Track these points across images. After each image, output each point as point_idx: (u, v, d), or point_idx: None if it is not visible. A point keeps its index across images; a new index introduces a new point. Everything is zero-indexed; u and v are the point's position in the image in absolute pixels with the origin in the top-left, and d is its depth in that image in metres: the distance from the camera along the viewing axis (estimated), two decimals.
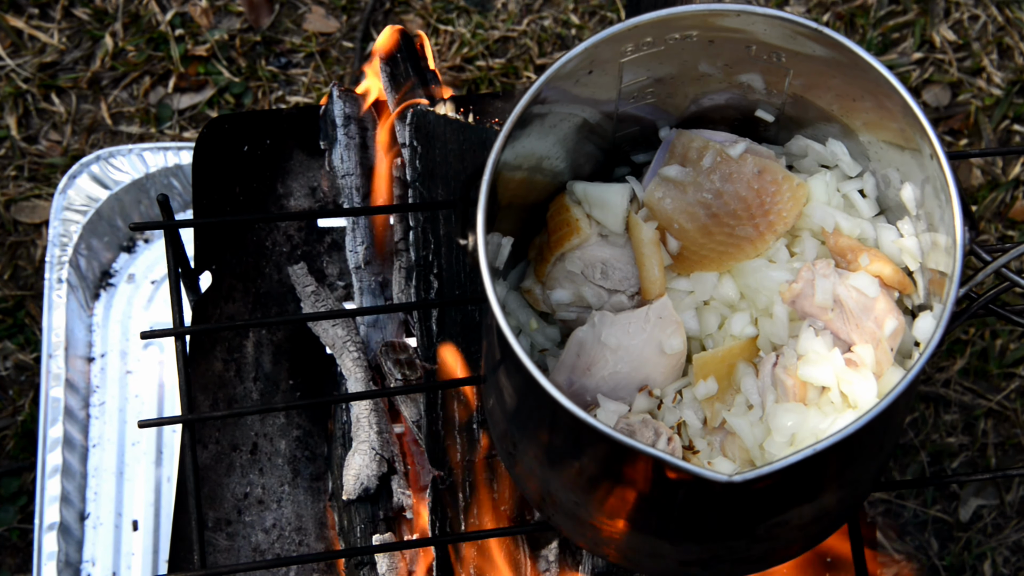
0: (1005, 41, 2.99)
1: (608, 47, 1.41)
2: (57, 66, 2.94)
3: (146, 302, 2.33)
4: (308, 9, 3.02)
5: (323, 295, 1.91)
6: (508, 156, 1.41)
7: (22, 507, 2.54)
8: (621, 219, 1.55)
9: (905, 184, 1.47)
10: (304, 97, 2.91)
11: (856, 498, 1.54)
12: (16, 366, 2.66)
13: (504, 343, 1.31)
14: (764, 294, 1.53)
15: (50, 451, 2.12)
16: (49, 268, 2.24)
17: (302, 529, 1.81)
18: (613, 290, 1.56)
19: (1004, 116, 2.91)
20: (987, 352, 2.69)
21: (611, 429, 1.26)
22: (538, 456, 1.48)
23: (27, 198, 2.81)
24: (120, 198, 2.32)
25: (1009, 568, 2.53)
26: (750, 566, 1.54)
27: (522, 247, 1.60)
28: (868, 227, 1.53)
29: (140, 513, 2.17)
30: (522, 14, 3.02)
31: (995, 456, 2.62)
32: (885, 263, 1.48)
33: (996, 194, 2.83)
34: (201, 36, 2.96)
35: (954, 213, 1.34)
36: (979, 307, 1.46)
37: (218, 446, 1.85)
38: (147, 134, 2.87)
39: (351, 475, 1.77)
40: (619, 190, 1.55)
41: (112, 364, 2.27)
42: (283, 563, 1.70)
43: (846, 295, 1.46)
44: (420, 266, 1.85)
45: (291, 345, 1.93)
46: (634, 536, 1.48)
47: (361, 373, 1.83)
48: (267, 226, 2.00)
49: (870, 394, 1.42)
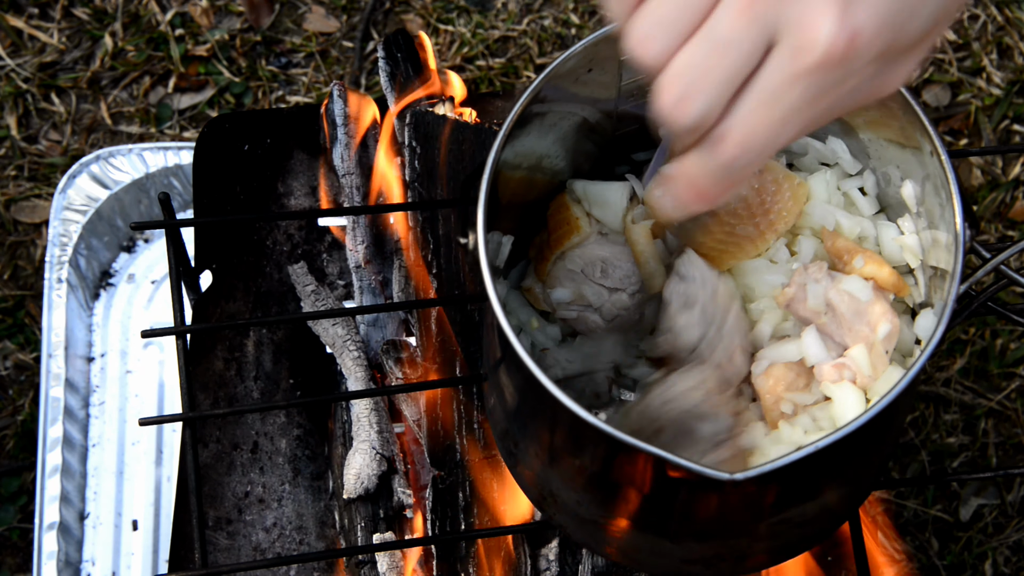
0: (1005, 41, 2.99)
1: (608, 45, 1.41)
2: (57, 66, 2.94)
3: (146, 302, 2.33)
4: (308, 9, 3.02)
5: (323, 294, 1.91)
6: (508, 155, 1.41)
7: (22, 507, 2.54)
8: (621, 217, 1.55)
9: (905, 181, 1.47)
10: (304, 97, 2.91)
11: (858, 495, 1.54)
12: (16, 366, 2.66)
13: (505, 342, 1.31)
14: (760, 296, 1.53)
15: (50, 451, 2.12)
16: (49, 268, 2.24)
17: (303, 528, 1.81)
18: (614, 288, 1.55)
19: (1004, 116, 2.92)
20: (987, 352, 2.69)
21: (611, 428, 1.26)
22: (539, 455, 1.48)
23: (27, 198, 2.81)
24: (120, 198, 2.32)
25: (1010, 568, 2.53)
26: (752, 564, 1.54)
27: (522, 246, 1.60)
28: (868, 225, 1.53)
29: (140, 513, 2.17)
30: (522, 14, 3.02)
31: (996, 456, 2.62)
32: (880, 265, 1.48)
33: (996, 194, 2.83)
34: (201, 36, 2.96)
35: (955, 210, 1.34)
36: (979, 304, 1.46)
37: (219, 445, 1.85)
38: (147, 134, 2.87)
39: (351, 474, 1.77)
40: (618, 188, 1.55)
41: (112, 364, 2.27)
42: (284, 562, 1.70)
43: (837, 299, 1.45)
44: (421, 266, 1.85)
45: (291, 344, 1.93)
46: (636, 535, 1.48)
47: (361, 372, 1.83)
48: (267, 225, 2.00)
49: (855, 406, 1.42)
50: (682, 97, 0.96)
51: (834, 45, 0.93)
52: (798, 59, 0.94)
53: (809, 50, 0.93)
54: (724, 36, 0.94)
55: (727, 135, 0.98)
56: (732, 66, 0.95)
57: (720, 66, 0.95)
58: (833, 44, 0.93)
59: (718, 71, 0.95)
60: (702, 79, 0.95)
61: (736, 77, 0.95)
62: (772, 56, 0.95)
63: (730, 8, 0.93)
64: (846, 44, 0.93)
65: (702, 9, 0.94)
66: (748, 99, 0.96)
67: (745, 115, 0.97)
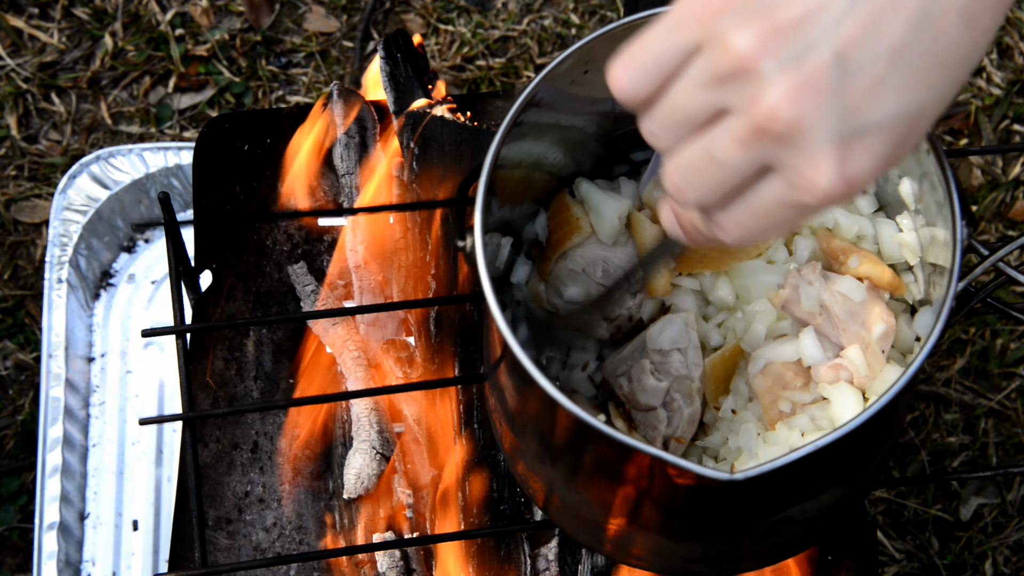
0: (1005, 41, 2.99)
1: (604, 46, 1.41)
2: (57, 66, 2.94)
3: (146, 302, 2.33)
4: (308, 9, 3.02)
5: (323, 294, 1.91)
6: (506, 156, 1.41)
7: (22, 507, 2.54)
8: (611, 231, 1.55)
9: (903, 179, 1.47)
10: (304, 97, 2.91)
11: (860, 493, 1.54)
12: (16, 366, 2.66)
13: (504, 342, 1.31)
14: (756, 297, 1.53)
15: (50, 451, 2.13)
16: (49, 268, 2.24)
17: (303, 528, 1.81)
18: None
19: (1004, 116, 2.92)
20: (987, 352, 2.69)
21: (611, 429, 1.26)
22: (539, 455, 1.48)
23: (27, 198, 2.81)
24: (120, 198, 2.32)
25: (1010, 567, 2.53)
26: (754, 562, 1.54)
27: (522, 246, 1.60)
28: (867, 223, 1.53)
29: (140, 513, 2.17)
30: (522, 14, 3.02)
31: (996, 455, 2.62)
32: (875, 264, 1.48)
33: (996, 194, 2.83)
34: (201, 36, 2.96)
35: (952, 206, 1.34)
36: (978, 300, 1.46)
37: (219, 445, 1.85)
38: (147, 134, 2.87)
39: (352, 474, 1.77)
40: (614, 204, 1.55)
41: (112, 364, 2.27)
42: (283, 561, 1.70)
43: (831, 300, 1.46)
44: (416, 266, 1.85)
45: (291, 344, 1.93)
46: (637, 534, 1.49)
47: (361, 372, 1.83)
48: (267, 225, 2.00)
49: (853, 407, 1.42)
50: (679, 188, 1.03)
51: (831, 191, 0.98)
52: (794, 195, 0.99)
53: (806, 191, 0.98)
54: (720, 157, 1.00)
55: (725, 227, 1.05)
56: (726, 181, 1.01)
57: (714, 178, 1.01)
58: (830, 190, 0.98)
59: (712, 181, 1.01)
60: (697, 182, 1.02)
61: (729, 188, 1.02)
62: (768, 179, 1.00)
63: (728, 137, 0.98)
64: (844, 189, 0.98)
65: (699, 126, 1.01)
66: (743, 206, 1.03)
67: (740, 217, 1.03)
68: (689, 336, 1.49)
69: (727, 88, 0.97)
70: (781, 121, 0.95)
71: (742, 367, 1.51)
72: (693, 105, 1.00)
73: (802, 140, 0.96)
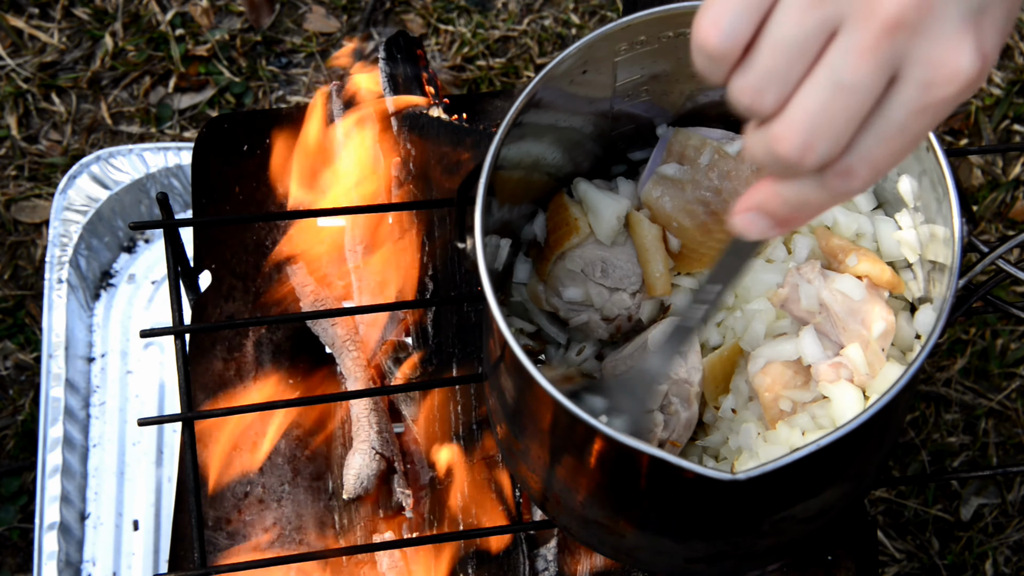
0: (1005, 41, 2.99)
1: (602, 46, 1.41)
2: (57, 66, 2.94)
3: (146, 302, 2.33)
4: (308, 9, 3.02)
5: (322, 294, 1.91)
6: (505, 156, 1.41)
7: (22, 507, 2.54)
8: (609, 232, 1.55)
9: (902, 176, 1.47)
10: (304, 97, 2.91)
11: (860, 492, 1.54)
12: (16, 366, 2.66)
13: (504, 342, 1.31)
14: (755, 295, 1.53)
15: (50, 451, 2.13)
16: (49, 268, 2.25)
17: (303, 528, 1.81)
18: (614, 288, 1.56)
19: (1004, 116, 2.91)
20: (988, 352, 2.69)
21: (611, 430, 1.26)
22: (539, 455, 1.48)
23: (27, 198, 2.81)
24: (120, 198, 2.32)
25: (1011, 567, 2.53)
26: (755, 561, 1.54)
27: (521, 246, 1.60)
28: (866, 221, 1.53)
29: (140, 513, 2.17)
30: (522, 14, 3.02)
31: (996, 455, 2.62)
32: (874, 262, 1.48)
33: (996, 194, 2.83)
34: (201, 36, 2.96)
35: (951, 203, 1.34)
36: (978, 298, 1.46)
37: (219, 444, 1.85)
38: (147, 134, 2.87)
39: (351, 474, 1.77)
40: (613, 204, 1.55)
41: (112, 364, 2.27)
42: (283, 562, 1.70)
43: (830, 299, 1.45)
44: (415, 267, 1.86)
45: (291, 344, 1.93)
46: (638, 534, 1.49)
47: (361, 372, 1.83)
48: (267, 225, 1.99)
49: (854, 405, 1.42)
50: (807, 143, 0.95)
51: (973, 72, 0.93)
52: (930, 92, 0.93)
53: (946, 83, 0.93)
54: (848, 80, 0.93)
55: (854, 170, 0.97)
56: (858, 108, 0.94)
57: (846, 110, 0.94)
58: (972, 71, 0.93)
59: (843, 115, 0.94)
60: (827, 124, 0.94)
61: (860, 117, 0.94)
62: (898, 90, 0.94)
63: (852, 53, 0.91)
64: (983, 68, 0.93)
65: (813, 57, 0.93)
66: (873, 134, 0.96)
67: (871, 149, 0.96)
68: (690, 340, 1.49)
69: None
70: (911, 7, 0.90)
71: (741, 366, 1.51)
72: (804, 28, 0.92)
73: (935, 24, 0.91)
